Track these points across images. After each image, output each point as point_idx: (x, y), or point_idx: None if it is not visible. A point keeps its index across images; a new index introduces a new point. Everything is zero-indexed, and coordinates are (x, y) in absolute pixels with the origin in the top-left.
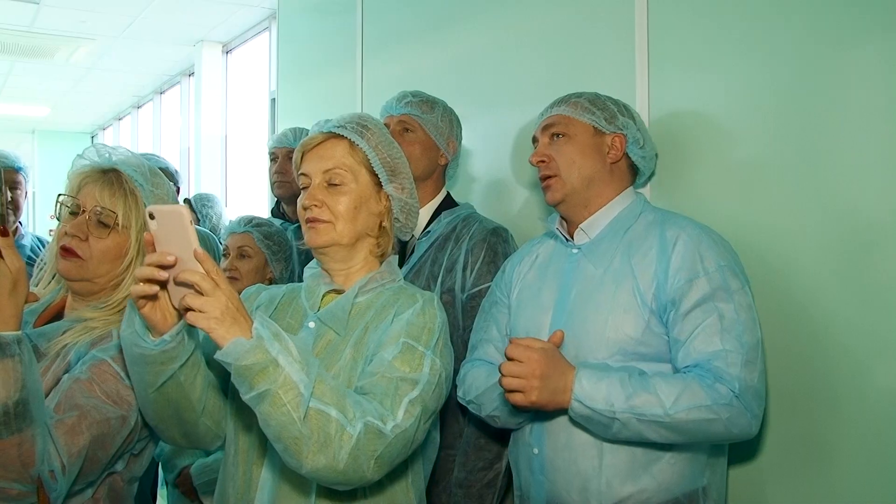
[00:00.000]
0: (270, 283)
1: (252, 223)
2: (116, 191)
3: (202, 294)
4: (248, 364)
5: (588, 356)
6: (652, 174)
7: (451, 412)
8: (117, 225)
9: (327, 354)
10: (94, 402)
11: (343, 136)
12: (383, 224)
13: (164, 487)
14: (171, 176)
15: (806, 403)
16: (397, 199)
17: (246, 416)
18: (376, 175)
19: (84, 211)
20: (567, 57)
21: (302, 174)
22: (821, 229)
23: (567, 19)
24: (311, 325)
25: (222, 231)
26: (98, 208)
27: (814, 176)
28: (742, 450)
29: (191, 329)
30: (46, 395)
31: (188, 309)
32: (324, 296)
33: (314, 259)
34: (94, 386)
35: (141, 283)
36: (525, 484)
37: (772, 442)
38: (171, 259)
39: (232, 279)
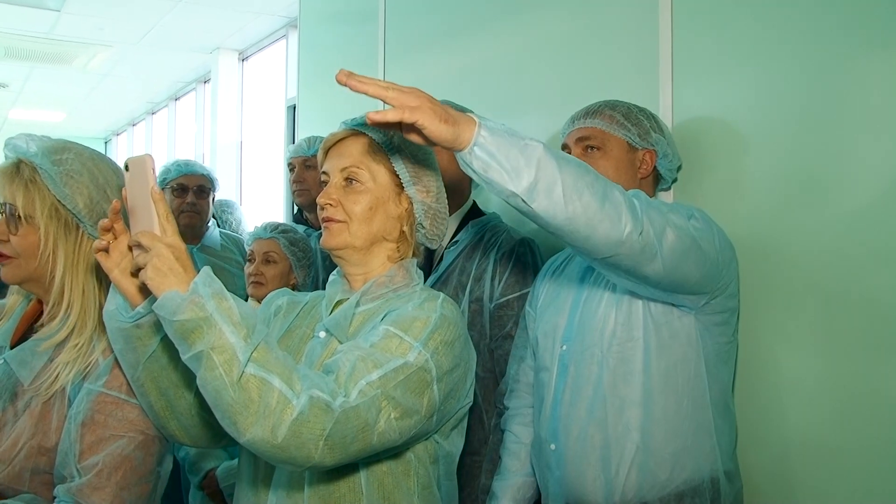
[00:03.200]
0: (293, 290)
1: (278, 229)
2: (16, 181)
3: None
4: (181, 320)
5: (591, 349)
6: (674, 180)
7: (475, 418)
8: (21, 217)
9: None
10: (110, 448)
11: (364, 133)
12: (403, 229)
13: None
14: (212, 183)
15: (825, 399)
16: (420, 202)
17: None
18: (398, 176)
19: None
20: (590, 63)
21: (323, 172)
22: (842, 235)
23: (590, 25)
24: (322, 334)
25: (245, 236)
26: (6, 205)
27: (836, 182)
28: (761, 443)
29: None
30: (57, 441)
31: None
32: (336, 303)
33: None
34: (98, 427)
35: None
36: (544, 480)
37: (795, 435)
38: (116, 204)
39: (257, 283)
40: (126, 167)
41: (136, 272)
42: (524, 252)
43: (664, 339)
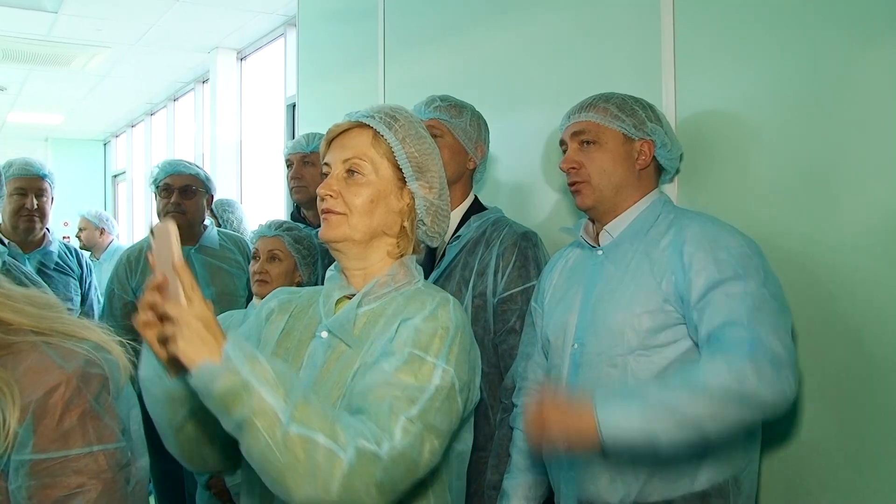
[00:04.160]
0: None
1: (283, 227)
2: None
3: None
4: (219, 391)
5: (609, 351)
6: (677, 171)
7: (481, 414)
8: None
9: (340, 367)
10: None
11: (369, 125)
12: (404, 224)
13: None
14: (203, 183)
15: (843, 402)
16: (422, 198)
17: None
18: (401, 170)
19: None
20: (593, 59)
21: (325, 163)
22: (848, 228)
23: (592, 21)
24: (324, 334)
25: (248, 235)
26: None
27: (840, 176)
28: (775, 443)
29: None
30: None
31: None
32: (338, 301)
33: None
34: (49, 490)
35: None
36: (556, 479)
37: (808, 436)
38: (160, 278)
39: (262, 282)
40: (152, 233)
41: (163, 341)
42: (527, 246)
43: (692, 347)
